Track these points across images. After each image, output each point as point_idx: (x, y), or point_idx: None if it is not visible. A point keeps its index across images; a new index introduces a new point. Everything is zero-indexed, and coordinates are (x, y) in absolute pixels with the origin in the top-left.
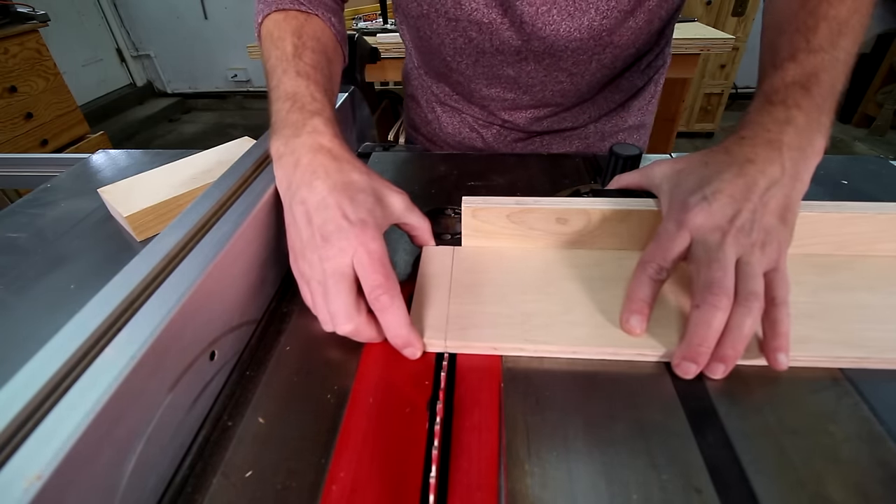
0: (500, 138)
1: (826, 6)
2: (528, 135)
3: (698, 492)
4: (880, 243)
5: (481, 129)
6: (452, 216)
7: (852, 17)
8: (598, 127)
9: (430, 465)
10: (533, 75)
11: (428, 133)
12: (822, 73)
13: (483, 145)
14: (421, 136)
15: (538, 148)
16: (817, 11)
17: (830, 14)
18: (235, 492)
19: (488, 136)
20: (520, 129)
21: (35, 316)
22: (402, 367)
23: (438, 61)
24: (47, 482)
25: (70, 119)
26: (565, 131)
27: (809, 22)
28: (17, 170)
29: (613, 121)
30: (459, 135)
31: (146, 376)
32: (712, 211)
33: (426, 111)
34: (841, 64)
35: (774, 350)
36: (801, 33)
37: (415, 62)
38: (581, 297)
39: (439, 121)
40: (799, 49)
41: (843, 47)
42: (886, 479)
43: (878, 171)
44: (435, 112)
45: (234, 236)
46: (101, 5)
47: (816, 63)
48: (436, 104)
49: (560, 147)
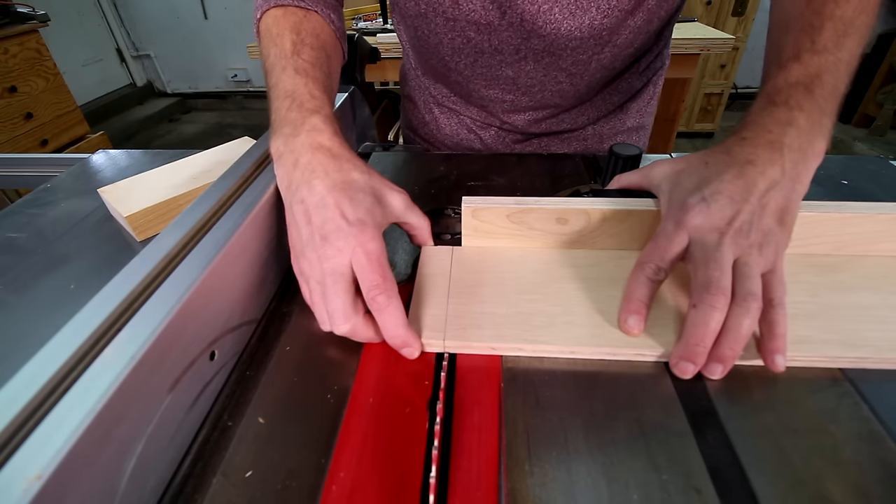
0: (499, 140)
1: (832, 6)
2: (527, 137)
3: (698, 492)
4: (880, 243)
5: (479, 130)
6: (452, 216)
7: (858, 17)
8: (596, 129)
9: (430, 465)
10: (532, 75)
11: (425, 134)
12: (825, 74)
13: (481, 146)
14: (419, 137)
15: (536, 150)
16: (823, 11)
17: (836, 14)
18: (235, 492)
19: (486, 137)
20: (518, 131)
21: (35, 316)
22: (402, 367)
23: (436, 61)
24: (47, 482)
25: (70, 119)
26: (564, 133)
27: (815, 22)
28: (17, 170)
29: (612, 123)
30: (457, 136)
31: (146, 376)
32: (711, 212)
33: (423, 112)
34: (844, 65)
35: (772, 352)
36: (807, 33)
37: (412, 63)
38: (580, 298)
39: (437, 122)
40: (803, 49)
41: (847, 48)
42: (886, 479)
43: (878, 171)
44: (433, 113)
45: (234, 236)
46: (101, 5)
47: (820, 64)
48: (433, 105)
49: (559, 149)
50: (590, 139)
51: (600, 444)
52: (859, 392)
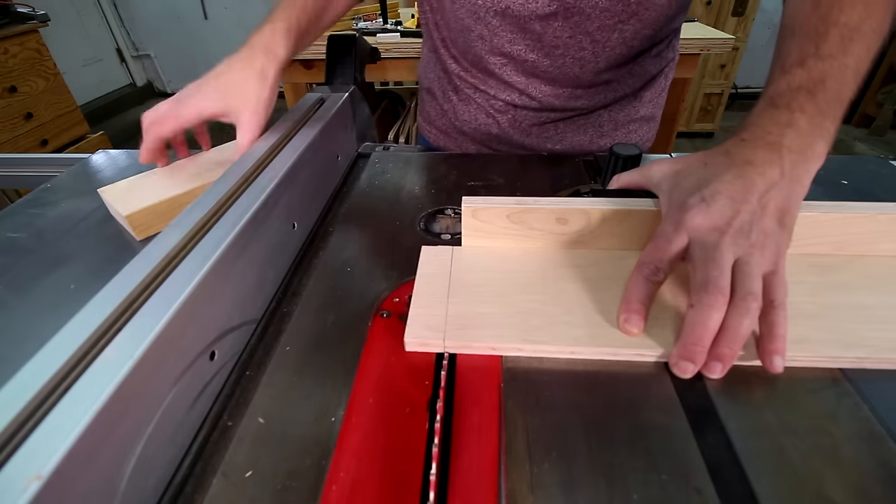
0: (516, 124)
1: (837, 12)
2: (543, 121)
3: (698, 492)
4: (880, 243)
5: (497, 114)
6: (452, 216)
7: (864, 22)
8: (612, 115)
9: (431, 464)
10: (558, 34)
11: (442, 125)
12: (829, 79)
13: (498, 131)
14: (435, 129)
15: (552, 136)
16: (828, 17)
17: (841, 20)
18: (235, 492)
19: (504, 121)
20: (536, 108)
21: (35, 316)
22: (402, 367)
23: (465, 12)
24: (47, 482)
25: (70, 119)
26: (580, 117)
27: (820, 28)
28: (17, 170)
29: (626, 110)
30: (475, 121)
31: (146, 376)
32: (711, 212)
33: (442, 102)
34: (851, 71)
35: (770, 353)
36: (812, 39)
37: (435, 40)
38: (580, 298)
39: (455, 110)
40: (808, 55)
41: (854, 54)
42: (886, 479)
43: (878, 171)
44: (451, 101)
45: (233, 236)
46: (101, 5)
47: (824, 69)
48: (452, 92)
49: (574, 135)
50: (605, 126)
51: (600, 444)
52: (859, 392)
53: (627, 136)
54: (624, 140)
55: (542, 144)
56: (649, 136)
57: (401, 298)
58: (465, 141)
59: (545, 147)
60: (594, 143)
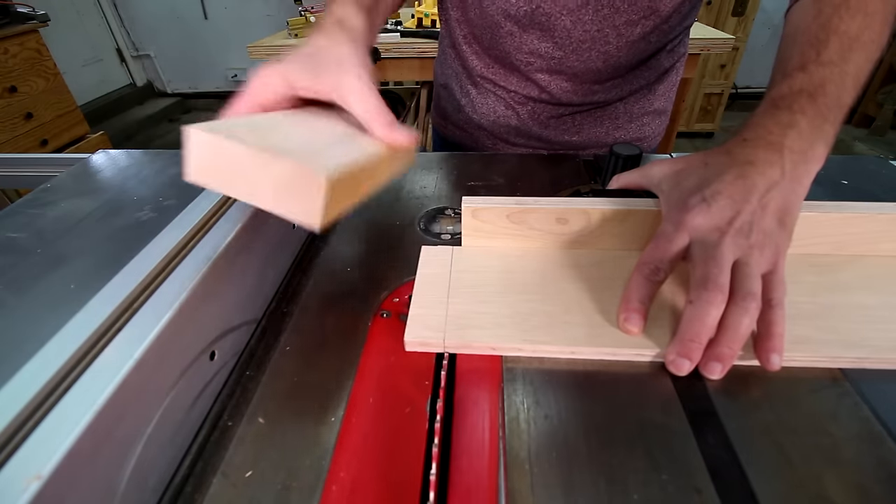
0: (535, 116)
1: (837, 20)
2: (561, 114)
3: (698, 492)
4: (880, 243)
5: (517, 105)
6: (452, 216)
7: (863, 33)
8: (627, 107)
9: (431, 464)
10: (587, 28)
11: (459, 120)
12: (829, 84)
13: (518, 122)
14: (451, 124)
15: (570, 128)
16: (829, 25)
17: (841, 29)
18: (235, 492)
19: (523, 112)
20: (556, 102)
21: (35, 316)
22: (403, 368)
23: (495, 9)
24: (47, 482)
25: (70, 119)
26: (597, 109)
27: (821, 35)
28: (17, 170)
29: (641, 102)
30: (494, 114)
31: (146, 376)
32: (711, 212)
33: (459, 97)
34: (850, 78)
35: (768, 350)
36: (813, 46)
37: (452, 40)
38: (580, 298)
39: (473, 104)
40: (809, 60)
41: (853, 61)
42: (886, 479)
43: (878, 171)
44: (469, 95)
45: (234, 236)
46: (101, 5)
47: (825, 75)
48: (470, 86)
49: (591, 127)
50: (620, 118)
51: (600, 444)
52: (859, 392)
53: (641, 128)
54: (638, 132)
55: (560, 136)
56: (661, 130)
57: (401, 298)
58: (482, 135)
59: (563, 139)
60: (610, 135)
